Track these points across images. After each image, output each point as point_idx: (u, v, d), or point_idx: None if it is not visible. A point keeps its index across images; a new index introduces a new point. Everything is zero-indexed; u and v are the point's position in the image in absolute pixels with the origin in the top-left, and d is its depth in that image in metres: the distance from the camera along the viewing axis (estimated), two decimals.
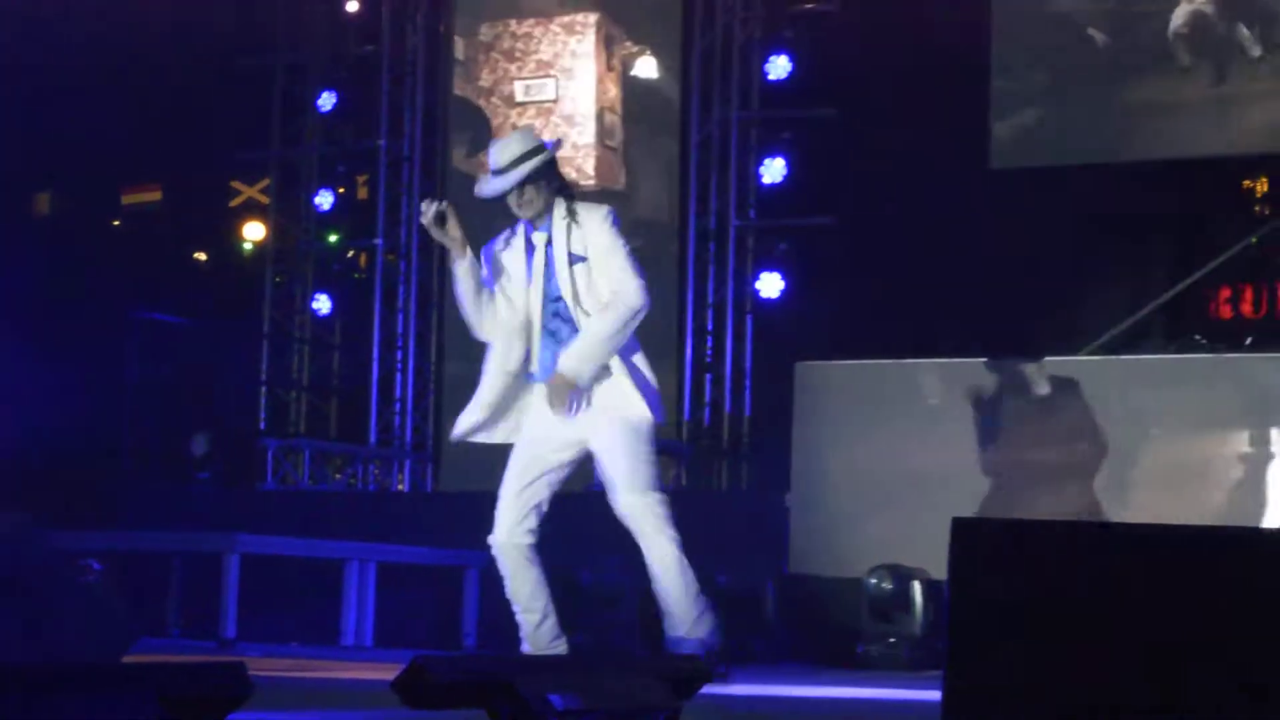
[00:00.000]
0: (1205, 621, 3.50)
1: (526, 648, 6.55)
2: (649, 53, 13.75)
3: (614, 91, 13.75)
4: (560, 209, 6.60)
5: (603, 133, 13.65)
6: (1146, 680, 3.50)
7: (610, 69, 13.80)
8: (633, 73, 13.75)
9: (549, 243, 6.58)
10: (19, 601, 4.75)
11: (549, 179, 6.61)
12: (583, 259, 6.56)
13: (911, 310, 11.39)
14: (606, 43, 13.83)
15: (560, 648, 6.56)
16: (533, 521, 6.58)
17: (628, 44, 13.81)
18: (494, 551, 6.63)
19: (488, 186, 6.61)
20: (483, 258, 6.65)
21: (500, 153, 6.55)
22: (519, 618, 6.60)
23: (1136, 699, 3.50)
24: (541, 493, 6.63)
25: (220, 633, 9.53)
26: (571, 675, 3.66)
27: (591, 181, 13.40)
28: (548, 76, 13.89)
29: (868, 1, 12.33)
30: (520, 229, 6.66)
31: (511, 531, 6.56)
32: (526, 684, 3.47)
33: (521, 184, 6.53)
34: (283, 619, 10.35)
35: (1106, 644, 3.52)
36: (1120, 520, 8.96)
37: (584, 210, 6.63)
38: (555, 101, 13.81)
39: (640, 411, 6.59)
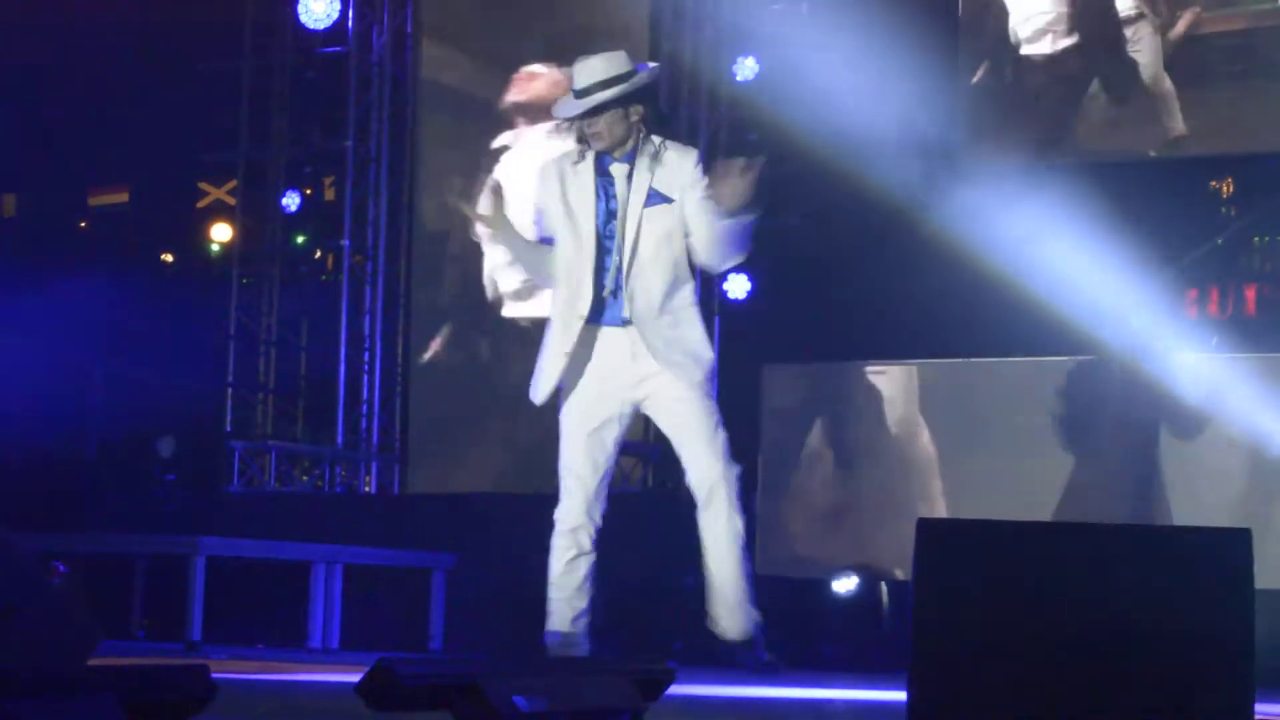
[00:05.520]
0: (1144, 614, 3.53)
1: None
2: None
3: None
4: (649, 145, 6.01)
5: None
6: (1096, 673, 3.52)
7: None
8: None
9: (630, 175, 5.98)
10: None
11: (631, 109, 5.98)
12: (666, 200, 6.02)
13: (880, 312, 11.38)
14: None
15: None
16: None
17: None
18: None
19: (563, 107, 6.01)
20: (541, 177, 6.06)
21: (581, 72, 5.92)
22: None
23: (1093, 693, 3.52)
24: (610, 451, 6.16)
25: (185, 635, 9.50)
26: (537, 677, 3.65)
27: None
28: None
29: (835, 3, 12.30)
30: (591, 155, 6.04)
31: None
32: (492, 686, 3.46)
33: (595, 111, 5.90)
34: (249, 622, 10.32)
35: (1061, 639, 3.55)
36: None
37: (673, 150, 6.08)
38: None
39: (709, 357, 6.19)
